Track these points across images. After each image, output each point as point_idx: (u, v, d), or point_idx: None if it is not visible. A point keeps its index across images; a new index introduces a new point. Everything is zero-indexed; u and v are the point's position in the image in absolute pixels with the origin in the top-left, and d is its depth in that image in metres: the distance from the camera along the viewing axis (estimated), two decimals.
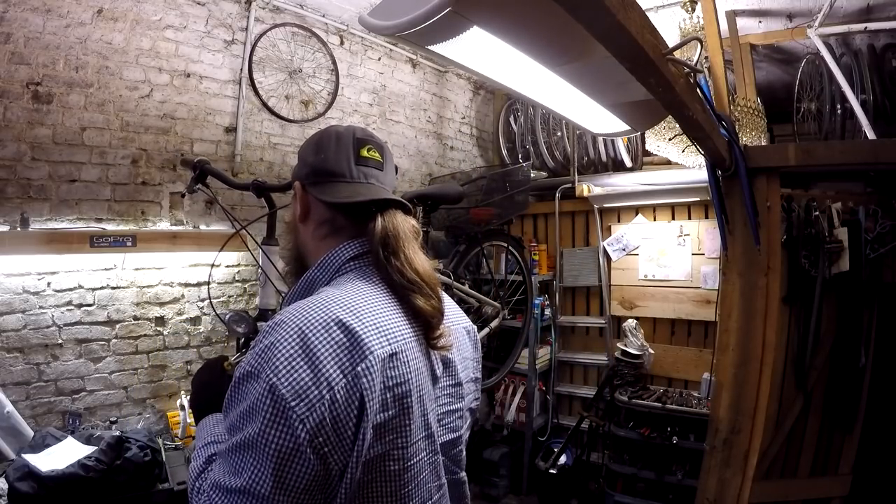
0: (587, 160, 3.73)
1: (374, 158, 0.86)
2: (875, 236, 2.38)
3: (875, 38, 2.95)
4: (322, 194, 0.82)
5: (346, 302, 0.70)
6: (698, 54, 1.34)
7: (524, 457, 3.43)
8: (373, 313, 0.71)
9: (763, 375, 2.25)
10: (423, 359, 0.76)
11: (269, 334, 0.65)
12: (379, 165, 0.86)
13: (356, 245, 0.81)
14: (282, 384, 0.61)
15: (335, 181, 0.83)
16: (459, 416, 0.86)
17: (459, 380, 0.86)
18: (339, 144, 0.85)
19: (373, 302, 0.73)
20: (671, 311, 3.38)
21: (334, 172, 0.83)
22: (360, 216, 0.81)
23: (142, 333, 2.35)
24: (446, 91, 4.01)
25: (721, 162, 2.09)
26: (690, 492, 2.55)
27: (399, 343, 0.71)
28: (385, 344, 0.69)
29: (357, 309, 0.70)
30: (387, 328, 0.71)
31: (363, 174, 0.84)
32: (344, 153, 0.84)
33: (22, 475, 1.64)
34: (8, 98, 2.00)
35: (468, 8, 0.80)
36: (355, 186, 0.83)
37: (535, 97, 1.37)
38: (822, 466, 2.41)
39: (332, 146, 0.85)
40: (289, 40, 2.91)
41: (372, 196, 0.81)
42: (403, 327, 0.74)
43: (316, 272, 0.81)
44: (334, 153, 0.84)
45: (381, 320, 0.71)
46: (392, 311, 0.74)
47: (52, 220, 2.10)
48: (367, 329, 0.68)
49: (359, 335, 0.66)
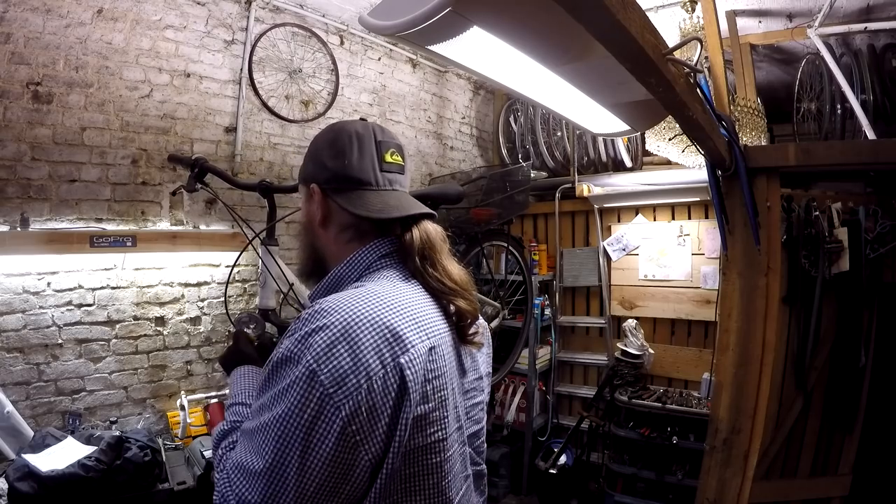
0: (587, 160, 3.73)
1: (398, 163, 0.85)
2: (875, 236, 2.38)
3: (875, 38, 2.95)
4: (349, 204, 0.80)
5: (384, 297, 0.71)
6: (698, 54, 1.34)
7: (524, 457, 3.42)
8: (410, 308, 0.72)
9: (763, 375, 2.25)
10: (454, 353, 0.78)
11: (311, 321, 0.66)
12: (401, 169, 0.85)
13: (386, 244, 0.81)
14: (322, 370, 0.61)
15: (361, 189, 0.81)
16: (482, 409, 0.89)
17: (481, 373, 0.88)
18: (361, 148, 0.82)
19: (409, 297, 0.74)
20: (671, 311, 3.38)
21: (360, 180, 0.81)
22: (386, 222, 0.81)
23: (142, 333, 2.35)
24: (446, 91, 4.01)
25: (721, 162, 2.09)
26: (690, 492, 2.55)
27: (436, 337, 0.73)
28: (425, 338, 0.71)
29: (395, 304, 0.71)
30: (424, 323, 0.72)
31: (388, 181, 0.83)
32: (368, 159, 0.82)
33: (22, 475, 1.64)
34: (8, 98, 2.00)
35: (468, 8, 0.80)
36: (383, 196, 0.81)
37: (535, 97, 1.37)
38: (822, 466, 2.41)
39: (353, 150, 0.82)
40: (289, 40, 2.91)
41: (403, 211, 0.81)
42: (438, 322, 0.76)
43: (344, 269, 0.81)
44: (358, 158, 0.82)
45: (419, 315, 0.73)
46: (427, 307, 0.76)
47: (52, 220, 2.10)
48: (407, 323, 0.69)
49: (399, 328, 0.68)
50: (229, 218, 2.56)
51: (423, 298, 0.77)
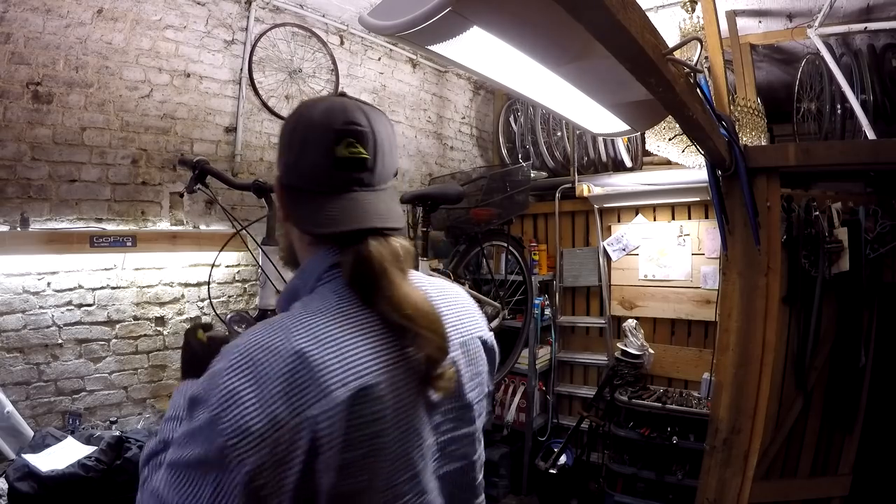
0: (587, 160, 3.73)
1: (358, 156, 0.67)
2: (875, 236, 2.38)
3: (875, 38, 2.95)
4: (294, 209, 0.71)
5: (312, 325, 0.61)
6: (698, 54, 1.34)
7: (524, 457, 3.42)
8: (342, 339, 0.61)
9: (763, 375, 2.25)
10: (410, 386, 0.65)
11: (224, 358, 0.59)
12: (363, 165, 0.68)
13: (332, 253, 0.69)
14: (224, 417, 0.55)
15: (311, 192, 0.68)
16: (470, 442, 0.76)
17: (468, 401, 0.75)
18: (311, 141, 0.68)
19: (345, 323, 0.63)
20: (671, 311, 3.38)
21: (308, 180, 0.69)
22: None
23: (142, 333, 2.35)
24: (446, 91, 4.01)
25: (721, 162, 2.09)
26: (690, 492, 2.55)
27: (372, 375, 0.61)
28: (352, 379, 0.59)
29: (324, 334, 0.60)
30: (357, 358, 0.61)
31: (344, 181, 0.68)
32: (318, 155, 0.67)
33: (22, 475, 1.64)
34: (8, 98, 2.00)
35: (468, 8, 0.80)
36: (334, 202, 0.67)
37: (535, 97, 1.37)
38: (822, 466, 2.41)
39: (301, 143, 0.69)
40: (289, 40, 2.91)
41: (349, 224, 0.66)
42: (380, 354, 0.63)
43: (297, 281, 0.72)
44: (305, 154, 0.68)
45: (352, 348, 0.61)
46: (367, 334, 0.63)
47: (52, 220, 2.10)
48: (331, 361, 0.59)
49: (319, 368, 0.58)
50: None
51: (363, 321, 0.64)
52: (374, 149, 0.69)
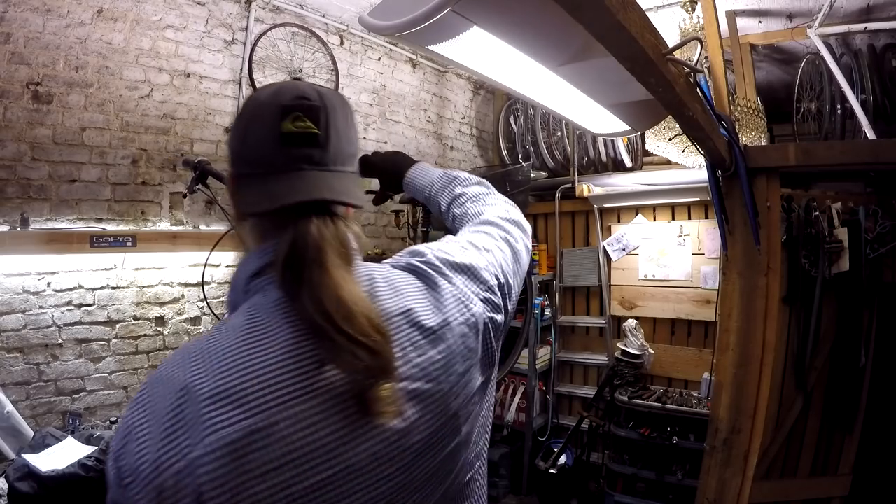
0: (587, 160, 3.73)
1: (307, 131, 0.60)
2: (875, 236, 2.38)
3: (875, 38, 2.95)
4: (240, 195, 0.63)
5: (211, 350, 0.53)
6: (698, 54, 1.34)
7: (524, 457, 3.42)
8: (242, 365, 0.51)
9: (763, 375, 2.25)
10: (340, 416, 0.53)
11: (141, 389, 0.54)
12: (314, 140, 0.61)
13: (256, 257, 0.61)
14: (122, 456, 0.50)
15: (258, 175, 0.61)
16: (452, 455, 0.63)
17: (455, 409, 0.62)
18: (257, 119, 0.61)
19: (255, 343, 0.53)
20: (671, 311, 3.38)
21: (255, 161, 0.61)
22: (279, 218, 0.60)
23: (142, 333, 2.35)
24: (446, 91, 4.01)
25: (721, 162, 2.08)
26: (690, 492, 2.55)
27: (271, 410, 0.50)
28: (244, 416, 0.49)
29: (220, 361, 0.52)
30: (255, 389, 0.50)
31: (291, 159, 0.60)
32: (265, 132, 0.60)
33: (22, 475, 1.64)
34: (8, 98, 2.00)
35: (468, 8, 0.80)
36: (280, 181, 0.60)
37: (535, 97, 1.37)
38: (822, 466, 2.41)
39: (250, 122, 0.62)
40: (289, 40, 2.91)
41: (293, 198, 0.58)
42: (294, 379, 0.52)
43: (231, 294, 0.64)
44: (255, 133, 0.61)
45: (252, 376, 0.51)
46: (283, 354, 0.53)
47: (52, 220, 2.10)
48: (220, 394, 0.49)
49: (204, 406, 0.49)
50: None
51: (280, 341, 0.53)
52: (326, 125, 0.61)
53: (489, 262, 0.73)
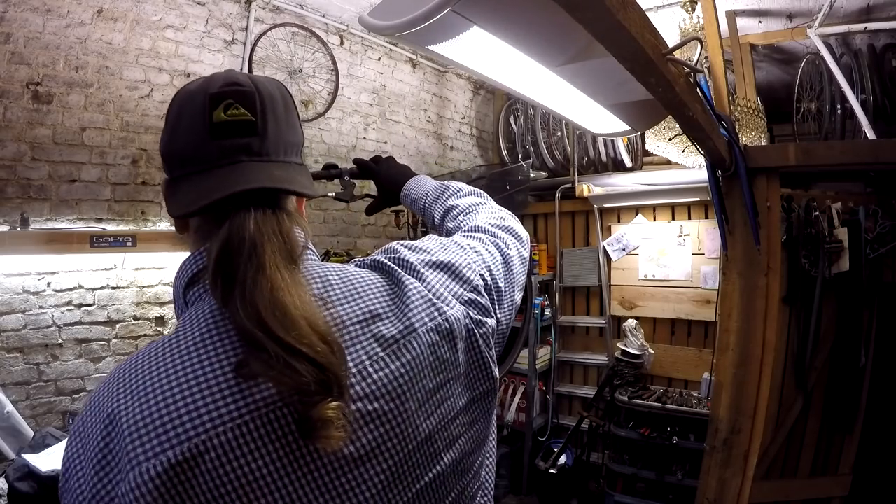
0: (587, 160, 3.73)
1: (241, 119, 0.54)
2: (875, 236, 2.38)
3: (875, 38, 2.95)
4: (171, 199, 0.57)
5: (137, 372, 0.48)
6: (698, 54, 1.34)
7: (524, 457, 3.42)
8: (176, 385, 0.46)
9: (763, 375, 2.25)
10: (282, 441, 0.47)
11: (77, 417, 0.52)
12: (250, 128, 0.55)
13: (189, 263, 0.57)
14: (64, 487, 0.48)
15: (190, 174, 0.55)
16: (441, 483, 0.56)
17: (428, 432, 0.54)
18: (186, 112, 0.56)
19: (188, 361, 0.48)
20: (671, 311, 3.38)
21: (186, 160, 0.56)
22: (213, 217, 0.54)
23: (142, 333, 2.35)
24: (446, 91, 4.01)
25: (721, 162, 2.08)
26: (690, 492, 2.55)
27: (210, 433, 0.45)
28: (168, 445, 0.44)
29: (144, 383, 0.47)
30: (191, 410, 0.45)
31: (226, 151, 0.54)
32: (194, 125, 0.55)
33: (22, 475, 1.64)
34: (8, 98, 2.00)
35: (468, 8, 0.80)
36: (214, 177, 0.54)
37: (535, 97, 1.37)
38: (822, 466, 2.41)
39: (178, 117, 0.57)
40: (289, 40, 2.91)
41: (229, 189, 0.52)
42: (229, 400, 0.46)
43: (176, 310, 0.59)
44: (184, 129, 0.56)
45: (186, 396, 0.46)
46: (218, 372, 0.47)
47: (52, 220, 2.10)
48: (145, 421, 0.45)
49: (128, 435, 0.44)
50: None
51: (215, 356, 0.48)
52: (262, 111, 0.56)
53: (472, 260, 0.65)
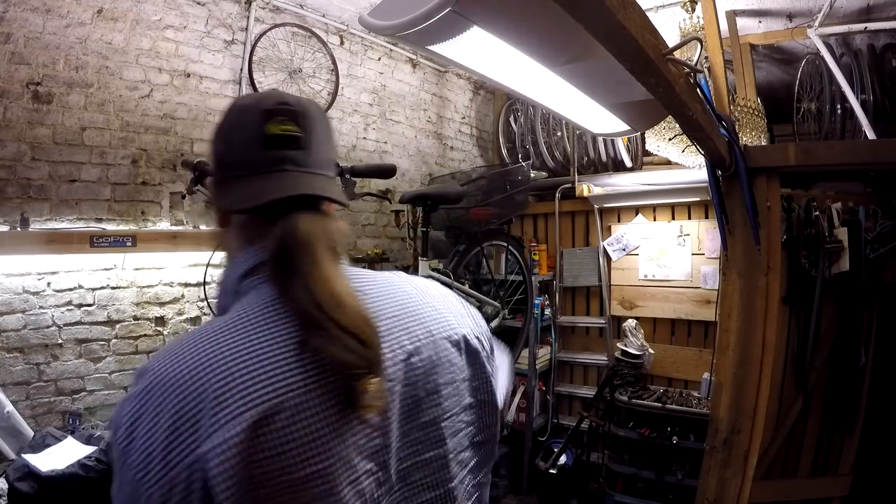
0: (587, 160, 3.73)
1: (290, 133, 0.63)
2: (875, 236, 2.38)
3: (875, 38, 2.95)
4: (224, 197, 0.65)
5: (208, 345, 0.54)
6: (698, 54, 1.34)
7: (524, 457, 3.42)
8: (241, 357, 0.53)
9: (763, 375, 2.25)
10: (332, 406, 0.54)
11: (134, 383, 0.55)
12: (297, 142, 0.64)
13: (250, 256, 0.63)
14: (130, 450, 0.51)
15: (241, 176, 0.63)
16: (441, 467, 0.65)
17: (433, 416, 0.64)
18: (241, 124, 0.65)
19: (252, 335, 0.55)
20: (671, 311, 3.37)
21: (239, 164, 0.64)
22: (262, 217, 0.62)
23: (142, 333, 2.35)
24: (446, 91, 4.01)
25: (721, 162, 2.09)
26: (690, 492, 2.55)
27: (273, 400, 0.51)
28: (246, 407, 0.50)
29: (219, 355, 0.53)
30: (256, 381, 0.52)
31: (275, 160, 0.63)
32: (248, 135, 0.63)
33: (22, 475, 1.64)
34: (8, 98, 2.00)
35: (468, 8, 0.80)
36: (264, 181, 0.62)
37: (535, 97, 1.37)
38: (822, 466, 2.41)
39: (232, 128, 0.66)
40: (289, 40, 2.91)
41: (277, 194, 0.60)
42: (291, 369, 0.53)
43: (221, 297, 0.66)
44: (239, 137, 0.64)
45: (252, 367, 0.52)
46: (279, 345, 0.54)
47: (52, 220, 2.10)
48: (223, 388, 0.51)
49: (207, 400, 0.50)
50: None
51: (277, 332, 0.55)
52: (307, 129, 0.65)
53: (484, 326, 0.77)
